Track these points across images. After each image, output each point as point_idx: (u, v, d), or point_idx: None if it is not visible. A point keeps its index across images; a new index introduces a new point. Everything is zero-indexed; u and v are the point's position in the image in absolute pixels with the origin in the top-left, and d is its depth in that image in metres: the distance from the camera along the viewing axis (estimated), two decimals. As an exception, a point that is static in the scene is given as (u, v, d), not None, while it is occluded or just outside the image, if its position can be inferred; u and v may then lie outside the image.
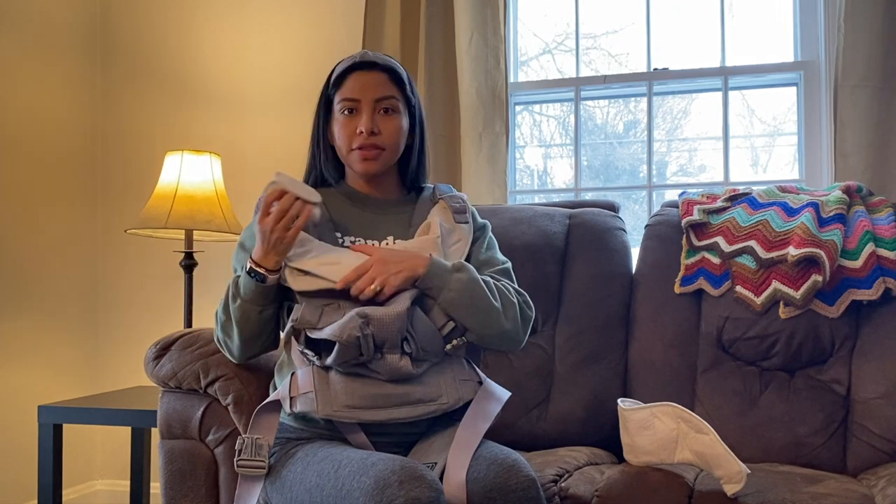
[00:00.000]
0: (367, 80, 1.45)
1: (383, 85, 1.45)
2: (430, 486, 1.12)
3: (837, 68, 2.17)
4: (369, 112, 1.44)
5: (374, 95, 1.44)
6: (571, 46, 2.66)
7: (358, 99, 1.44)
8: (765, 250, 1.80)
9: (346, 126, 1.45)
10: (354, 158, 1.46)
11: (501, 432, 1.79)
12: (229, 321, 1.41)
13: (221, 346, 1.48)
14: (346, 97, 1.45)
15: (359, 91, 1.44)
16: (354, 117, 1.45)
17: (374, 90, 1.44)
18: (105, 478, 2.89)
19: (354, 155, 1.45)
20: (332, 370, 1.31)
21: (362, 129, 1.43)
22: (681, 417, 1.42)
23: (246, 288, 1.36)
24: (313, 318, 1.32)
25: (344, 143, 1.46)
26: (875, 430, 1.65)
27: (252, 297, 1.36)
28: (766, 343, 1.77)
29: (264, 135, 2.77)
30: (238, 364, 1.55)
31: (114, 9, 2.94)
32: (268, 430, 1.35)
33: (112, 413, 2.04)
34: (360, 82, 1.45)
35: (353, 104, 1.44)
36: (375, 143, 1.44)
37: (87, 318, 2.87)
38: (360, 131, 1.43)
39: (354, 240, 1.44)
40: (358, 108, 1.44)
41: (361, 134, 1.43)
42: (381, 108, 1.45)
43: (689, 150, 2.62)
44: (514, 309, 1.43)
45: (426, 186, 1.58)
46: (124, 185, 2.91)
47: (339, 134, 1.46)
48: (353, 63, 1.46)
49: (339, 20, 2.71)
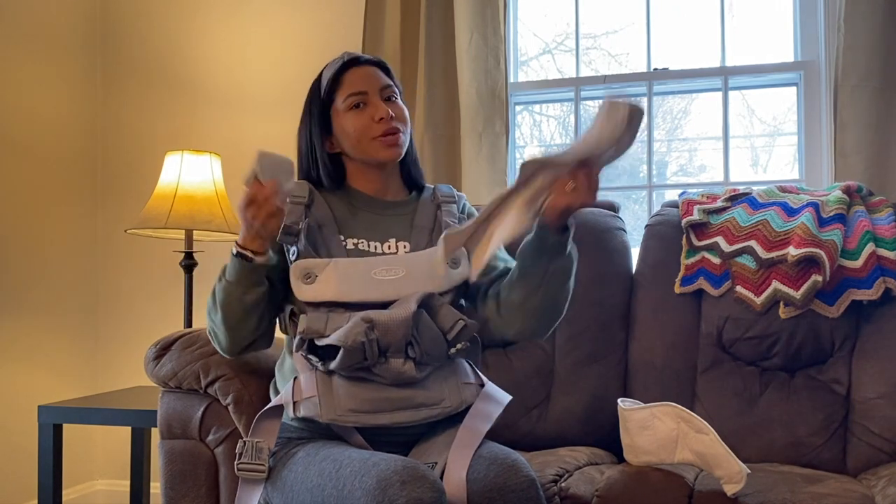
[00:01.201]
0: (366, 73, 1.46)
1: (381, 75, 1.47)
2: (432, 487, 1.12)
3: (837, 68, 2.17)
4: (379, 100, 1.44)
5: (379, 84, 1.45)
6: (571, 46, 2.66)
7: (365, 91, 1.44)
8: (765, 250, 1.80)
9: (359, 119, 1.43)
10: (378, 147, 1.43)
11: (501, 432, 1.79)
12: (214, 307, 1.38)
13: (211, 336, 1.44)
14: (353, 91, 1.44)
15: (363, 83, 1.44)
16: (366, 109, 1.44)
17: (377, 80, 1.46)
18: (105, 478, 2.89)
19: (376, 144, 1.43)
20: (336, 374, 1.31)
21: (382, 115, 1.42)
22: (681, 417, 1.42)
23: (231, 270, 1.34)
24: (320, 325, 1.31)
25: (362, 135, 1.43)
26: (875, 430, 1.65)
27: (237, 278, 1.33)
28: (766, 343, 1.77)
29: (264, 135, 2.77)
30: (238, 364, 1.55)
31: (114, 9, 2.94)
32: (269, 433, 1.34)
33: (112, 413, 2.04)
34: (360, 75, 1.45)
35: (361, 97, 1.44)
36: (397, 126, 1.44)
37: (87, 318, 2.87)
38: (381, 118, 1.42)
39: (357, 242, 1.43)
40: (366, 100, 1.44)
41: (382, 121, 1.42)
42: (386, 96, 1.46)
43: (689, 150, 2.62)
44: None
45: (426, 186, 1.57)
46: (124, 185, 2.91)
47: (354, 127, 1.43)
48: (344, 62, 1.47)
49: (339, 20, 2.71)
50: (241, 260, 1.32)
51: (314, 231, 1.41)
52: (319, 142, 1.48)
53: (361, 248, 1.41)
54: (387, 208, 1.49)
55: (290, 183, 1.30)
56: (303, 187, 1.46)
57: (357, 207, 1.48)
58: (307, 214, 1.42)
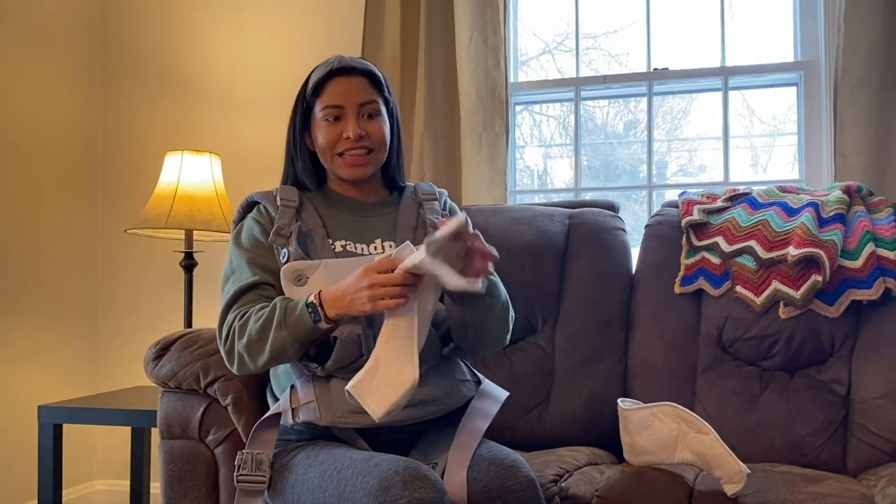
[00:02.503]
0: (348, 86, 1.44)
1: (365, 89, 1.45)
2: (434, 487, 1.12)
3: (837, 68, 2.17)
4: (354, 117, 1.43)
5: (358, 100, 1.44)
6: (571, 46, 2.66)
7: (342, 105, 1.43)
8: (765, 250, 1.80)
9: (330, 132, 1.43)
10: (340, 164, 1.45)
11: (501, 432, 1.79)
12: (258, 344, 1.30)
13: (235, 358, 1.35)
14: (330, 104, 1.43)
15: (341, 97, 1.43)
16: (339, 124, 1.43)
17: (357, 95, 1.44)
18: (105, 478, 2.89)
19: (340, 161, 1.45)
20: (332, 378, 1.31)
21: (349, 134, 1.41)
22: (681, 417, 1.42)
23: (300, 327, 1.27)
24: None
25: (328, 149, 1.45)
26: (875, 430, 1.65)
27: (303, 337, 1.27)
28: (766, 343, 1.77)
29: (264, 135, 2.77)
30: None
31: (114, 9, 2.94)
32: (267, 444, 1.35)
33: (112, 413, 2.04)
34: (341, 88, 1.43)
35: (338, 111, 1.43)
36: (365, 145, 1.43)
37: (87, 317, 2.87)
38: (347, 136, 1.42)
39: (345, 244, 1.43)
40: (342, 115, 1.43)
41: (348, 139, 1.42)
42: (366, 113, 1.44)
43: (689, 150, 2.62)
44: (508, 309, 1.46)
45: (406, 185, 1.58)
46: (124, 185, 2.91)
47: (324, 140, 1.44)
48: (332, 69, 1.44)
49: (339, 20, 2.71)
50: (321, 324, 1.27)
51: (304, 234, 1.42)
52: (301, 137, 1.50)
53: (349, 250, 1.42)
54: (370, 210, 1.50)
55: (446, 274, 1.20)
56: (292, 192, 1.48)
57: (341, 211, 1.49)
58: (297, 218, 1.43)
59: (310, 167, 1.51)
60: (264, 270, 1.39)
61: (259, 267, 1.39)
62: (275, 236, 1.39)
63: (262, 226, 1.44)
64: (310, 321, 1.26)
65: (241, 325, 1.32)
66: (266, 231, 1.43)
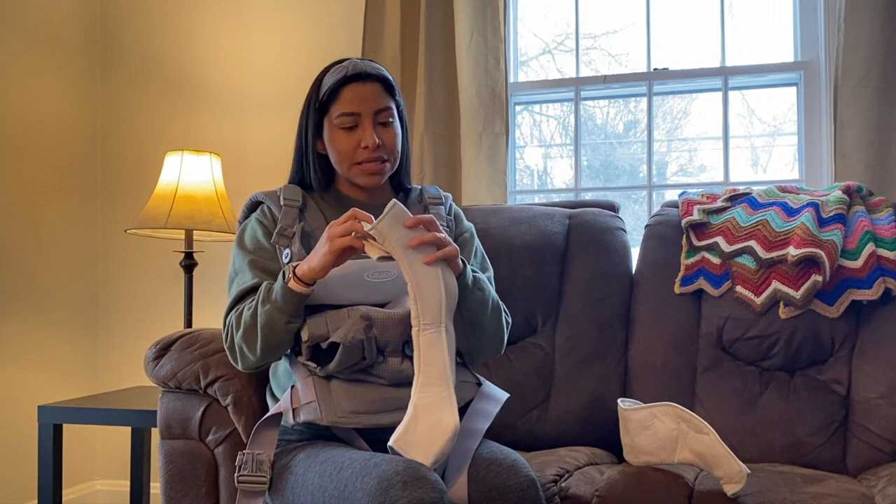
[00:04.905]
0: (364, 93, 1.42)
1: (380, 96, 1.44)
2: (434, 487, 1.12)
3: (837, 68, 2.17)
4: (371, 125, 1.42)
5: (374, 108, 1.42)
6: (571, 46, 2.66)
7: (358, 113, 1.42)
8: (765, 250, 1.80)
9: (346, 141, 1.43)
10: (357, 172, 1.44)
11: (501, 432, 1.79)
12: (252, 328, 1.32)
13: (233, 352, 1.38)
14: (346, 111, 1.42)
15: (358, 104, 1.42)
16: (355, 132, 1.42)
17: (373, 102, 1.42)
18: (105, 478, 2.89)
19: (358, 169, 1.44)
20: (333, 379, 1.31)
21: (367, 143, 1.41)
22: (681, 417, 1.42)
23: (282, 297, 1.29)
24: (322, 329, 1.30)
25: (345, 157, 1.44)
26: (875, 430, 1.65)
27: (286, 306, 1.29)
28: (766, 343, 1.77)
29: (264, 135, 2.77)
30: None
31: (114, 9, 2.94)
32: (268, 444, 1.34)
33: (112, 413, 2.04)
34: (358, 95, 1.42)
35: (354, 119, 1.42)
36: (381, 155, 1.43)
37: (87, 318, 2.87)
38: (366, 146, 1.41)
39: None
40: (358, 122, 1.42)
41: (366, 148, 1.41)
42: (381, 121, 1.44)
43: (689, 150, 2.62)
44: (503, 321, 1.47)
45: (412, 188, 1.58)
46: (124, 185, 2.91)
47: (340, 148, 1.43)
48: (347, 75, 1.43)
49: (339, 20, 2.71)
50: (300, 287, 1.28)
51: (307, 234, 1.42)
52: (312, 141, 1.49)
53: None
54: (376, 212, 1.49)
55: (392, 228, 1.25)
56: (296, 192, 1.47)
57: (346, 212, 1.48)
58: (301, 218, 1.43)
59: (320, 171, 1.50)
60: (265, 273, 1.39)
61: (260, 269, 1.39)
62: (278, 237, 1.39)
63: (265, 227, 1.44)
64: (295, 293, 1.28)
65: (237, 318, 1.36)
66: (269, 232, 1.43)
